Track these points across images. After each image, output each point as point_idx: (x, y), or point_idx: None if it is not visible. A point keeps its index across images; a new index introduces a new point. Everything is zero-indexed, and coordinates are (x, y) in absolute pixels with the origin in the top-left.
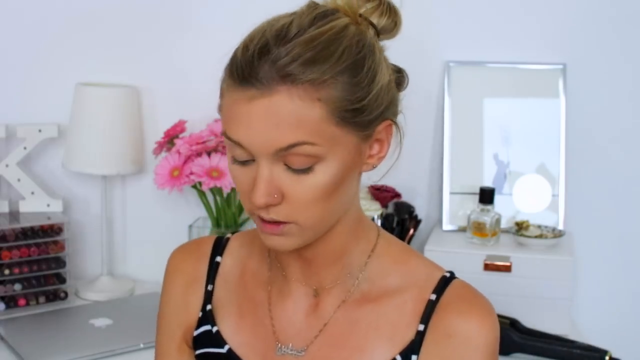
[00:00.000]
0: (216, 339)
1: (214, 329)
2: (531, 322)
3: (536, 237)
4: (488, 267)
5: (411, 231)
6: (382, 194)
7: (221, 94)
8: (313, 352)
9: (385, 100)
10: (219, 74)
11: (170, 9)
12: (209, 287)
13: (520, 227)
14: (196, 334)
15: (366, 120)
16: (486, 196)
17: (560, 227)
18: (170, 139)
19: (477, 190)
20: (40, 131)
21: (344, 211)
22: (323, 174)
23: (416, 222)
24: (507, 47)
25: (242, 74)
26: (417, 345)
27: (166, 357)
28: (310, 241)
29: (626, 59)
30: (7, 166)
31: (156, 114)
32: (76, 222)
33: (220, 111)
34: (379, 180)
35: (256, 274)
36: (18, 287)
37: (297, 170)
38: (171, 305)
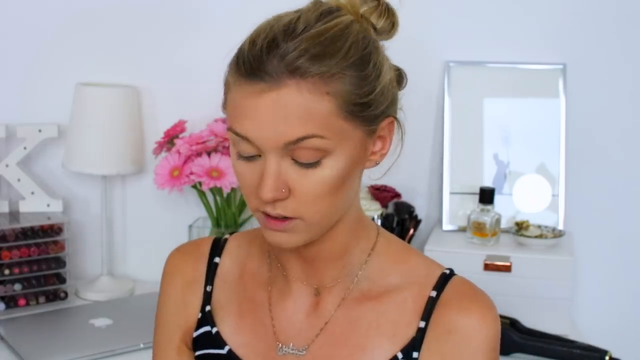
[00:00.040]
0: (216, 340)
1: (213, 329)
2: (531, 322)
3: (536, 237)
4: (488, 267)
5: (411, 231)
6: (382, 194)
7: (226, 89)
8: (314, 351)
9: (389, 96)
10: (219, 73)
11: (171, 9)
12: (208, 288)
13: (520, 227)
14: (196, 335)
15: (372, 114)
16: (486, 196)
17: (560, 227)
18: (170, 139)
19: (477, 190)
20: (40, 131)
21: (347, 208)
22: (330, 169)
23: (416, 222)
24: (507, 47)
25: (250, 67)
26: (418, 342)
27: (164, 359)
28: (314, 238)
29: (626, 59)
30: (7, 166)
31: (156, 114)
32: (76, 222)
33: (225, 107)
34: (380, 178)
35: (256, 275)
36: (18, 287)
37: (305, 164)
38: (170, 306)
